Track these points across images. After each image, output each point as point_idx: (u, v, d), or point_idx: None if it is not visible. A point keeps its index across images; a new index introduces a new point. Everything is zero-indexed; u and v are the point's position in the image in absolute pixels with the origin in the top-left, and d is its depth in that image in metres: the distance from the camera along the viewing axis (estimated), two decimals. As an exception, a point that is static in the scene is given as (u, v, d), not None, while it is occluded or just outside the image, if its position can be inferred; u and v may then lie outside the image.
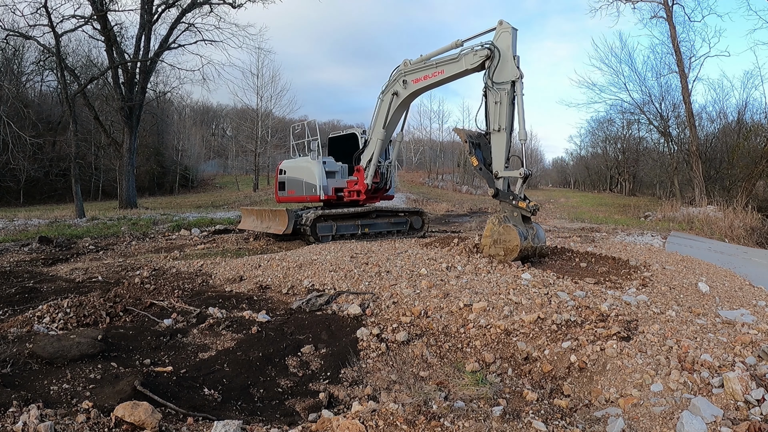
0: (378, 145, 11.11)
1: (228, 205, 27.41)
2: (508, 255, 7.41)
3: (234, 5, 22.69)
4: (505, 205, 7.76)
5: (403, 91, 10.42)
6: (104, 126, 25.01)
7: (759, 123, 25.59)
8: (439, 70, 9.67)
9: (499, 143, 7.88)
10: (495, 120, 7.88)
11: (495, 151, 7.94)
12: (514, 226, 7.49)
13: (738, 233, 15.59)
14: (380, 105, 10.94)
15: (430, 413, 2.80)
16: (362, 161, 11.66)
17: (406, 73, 10.29)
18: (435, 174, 59.41)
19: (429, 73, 9.90)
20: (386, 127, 10.98)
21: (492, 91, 7.92)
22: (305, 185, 11.97)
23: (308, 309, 5.58)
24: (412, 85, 10.27)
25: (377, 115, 11.06)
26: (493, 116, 7.90)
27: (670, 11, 24.18)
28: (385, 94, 10.80)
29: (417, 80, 10.17)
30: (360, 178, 11.67)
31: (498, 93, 7.85)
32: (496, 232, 7.57)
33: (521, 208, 7.57)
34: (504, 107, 7.79)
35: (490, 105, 7.98)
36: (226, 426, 2.73)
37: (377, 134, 11.09)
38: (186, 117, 56.76)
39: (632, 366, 3.69)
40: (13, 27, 20.59)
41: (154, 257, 9.61)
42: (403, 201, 28.27)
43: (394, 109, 10.70)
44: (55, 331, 4.57)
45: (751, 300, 5.86)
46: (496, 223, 7.62)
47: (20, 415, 2.70)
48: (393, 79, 10.59)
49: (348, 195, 12.04)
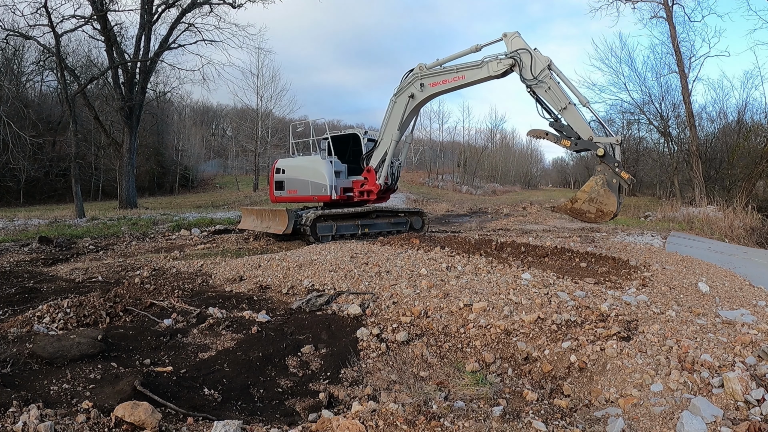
0: (392, 146, 11.29)
1: (228, 205, 27.41)
2: (600, 217, 7.77)
3: (234, 5, 22.69)
4: (607, 168, 8.06)
5: (420, 94, 10.68)
6: (104, 126, 25.00)
7: (759, 123, 25.61)
8: (460, 75, 10.08)
9: (573, 117, 8.55)
10: (557, 102, 8.64)
11: (575, 123, 8.52)
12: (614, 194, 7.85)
13: (738, 233, 15.58)
14: (393, 107, 11.14)
15: (430, 413, 2.80)
16: (372, 162, 11.73)
17: (423, 76, 10.54)
18: (435, 174, 59.40)
19: (448, 77, 10.27)
20: (400, 128, 11.19)
21: (539, 84, 8.74)
22: (312, 185, 11.94)
23: (308, 309, 5.58)
24: (430, 88, 10.58)
25: (390, 117, 11.23)
26: (553, 100, 8.68)
27: (670, 11, 24.18)
28: (399, 96, 11.00)
29: (435, 84, 10.45)
30: (370, 178, 11.75)
31: (544, 82, 8.69)
32: (595, 192, 7.86)
33: (623, 178, 7.92)
34: (556, 89, 8.64)
35: (543, 95, 8.75)
36: (226, 426, 2.73)
37: (390, 135, 11.26)
38: (186, 117, 56.77)
39: (632, 366, 3.69)
40: (13, 27, 20.63)
41: (154, 257, 9.61)
42: (403, 201, 28.27)
43: (409, 111, 10.94)
44: (55, 331, 4.57)
45: (751, 300, 5.86)
46: (599, 183, 7.89)
47: (20, 415, 2.70)
48: (408, 82, 10.82)
49: (358, 195, 12.07)
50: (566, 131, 8.61)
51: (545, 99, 8.79)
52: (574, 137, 8.51)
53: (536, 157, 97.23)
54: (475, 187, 54.68)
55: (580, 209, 7.82)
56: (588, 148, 8.41)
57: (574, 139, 8.49)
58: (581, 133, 8.45)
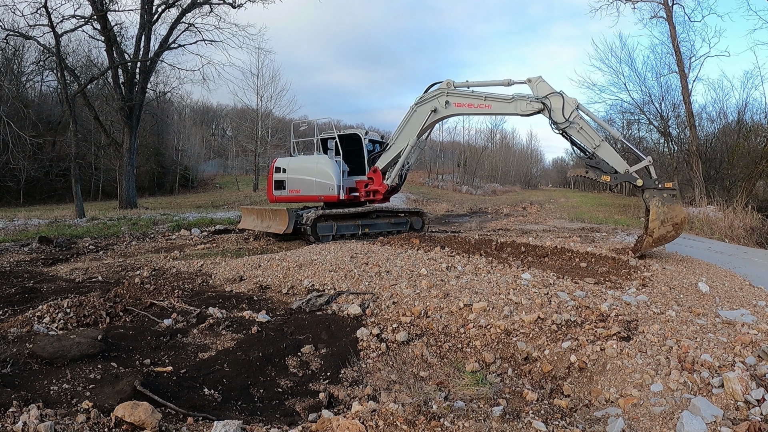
0: (407, 149, 11.55)
1: (228, 205, 27.39)
2: (678, 230, 8.09)
3: (234, 5, 22.67)
4: (652, 191, 8.39)
5: (443, 110, 10.98)
6: (104, 126, 24.98)
7: (759, 123, 25.58)
8: (488, 104, 10.45)
9: (607, 153, 9.00)
10: (590, 141, 9.07)
11: (610, 159, 8.95)
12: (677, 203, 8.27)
13: (738, 233, 15.57)
14: (413, 115, 11.43)
15: (430, 413, 2.80)
16: (380, 163, 11.83)
17: (449, 94, 10.83)
18: (435, 174, 59.39)
19: (475, 102, 10.62)
20: (418, 135, 11.52)
21: (571, 126, 9.20)
22: (317, 184, 11.95)
23: (308, 309, 5.58)
24: (454, 108, 10.91)
25: (408, 123, 11.54)
26: (587, 139, 9.11)
27: (670, 11, 24.15)
28: (420, 105, 11.26)
29: (460, 105, 10.81)
30: (376, 178, 11.89)
31: (576, 123, 9.16)
32: (662, 213, 8.14)
33: (669, 189, 8.28)
34: (587, 128, 9.11)
35: (575, 136, 9.24)
36: (226, 426, 2.73)
37: (407, 140, 11.52)
38: (186, 117, 56.70)
39: (632, 366, 3.69)
40: (13, 27, 20.60)
41: (154, 257, 9.61)
42: (403, 201, 28.25)
43: (429, 122, 11.23)
44: (55, 331, 4.57)
45: (751, 300, 5.86)
46: (659, 205, 8.20)
47: (20, 415, 2.70)
48: (432, 95, 11.09)
49: (364, 195, 12.13)
50: (603, 166, 8.97)
51: (578, 139, 9.20)
52: (611, 172, 8.88)
53: (536, 157, 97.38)
54: (475, 187, 54.67)
55: (661, 235, 8.15)
56: (628, 180, 8.76)
57: (612, 174, 8.86)
58: (617, 167, 8.85)
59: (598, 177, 9.02)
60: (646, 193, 8.49)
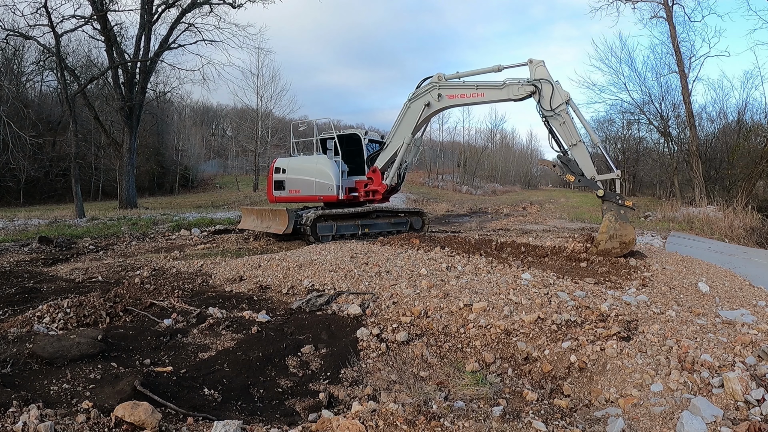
0: (403, 147, 11.46)
1: (228, 205, 27.38)
2: (624, 248, 8.18)
3: (234, 5, 22.68)
4: (611, 204, 8.53)
5: (436, 104, 10.86)
6: (104, 126, 25.00)
7: (759, 123, 25.57)
8: (480, 92, 10.28)
9: (581, 154, 8.97)
10: (569, 137, 9.01)
11: (581, 161, 8.93)
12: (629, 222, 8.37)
13: (738, 233, 15.57)
14: (407, 111, 11.32)
15: (430, 413, 2.80)
16: (378, 162, 11.81)
17: (441, 86, 10.71)
18: (435, 174, 59.39)
19: (467, 92, 10.47)
20: (413, 132, 11.40)
21: (554, 117, 9.07)
22: (317, 185, 11.95)
23: (308, 309, 5.58)
24: (447, 100, 10.77)
25: (403, 121, 11.42)
26: (565, 135, 9.05)
27: (670, 11, 24.16)
28: (414, 102, 11.16)
29: (452, 96, 10.65)
30: (376, 178, 11.86)
31: (560, 116, 9.02)
32: (612, 228, 8.31)
33: (628, 207, 8.42)
34: (570, 124, 8.99)
35: (557, 128, 9.11)
36: (226, 426, 2.73)
37: (402, 137, 11.41)
38: (186, 117, 56.69)
39: (632, 366, 3.69)
40: (13, 27, 20.61)
41: (154, 257, 9.61)
42: (403, 201, 28.25)
43: (423, 118, 11.12)
44: (55, 331, 4.57)
45: (751, 300, 5.86)
46: (612, 220, 8.39)
47: (20, 415, 2.70)
48: (425, 89, 10.97)
49: (364, 195, 12.12)
50: (572, 166, 9.01)
51: (558, 132, 9.14)
52: (578, 173, 8.92)
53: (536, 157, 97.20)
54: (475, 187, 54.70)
55: (606, 249, 8.27)
56: (590, 186, 8.83)
57: (578, 176, 8.90)
58: (585, 171, 8.86)
59: (564, 174, 9.09)
60: (604, 204, 8.65)
